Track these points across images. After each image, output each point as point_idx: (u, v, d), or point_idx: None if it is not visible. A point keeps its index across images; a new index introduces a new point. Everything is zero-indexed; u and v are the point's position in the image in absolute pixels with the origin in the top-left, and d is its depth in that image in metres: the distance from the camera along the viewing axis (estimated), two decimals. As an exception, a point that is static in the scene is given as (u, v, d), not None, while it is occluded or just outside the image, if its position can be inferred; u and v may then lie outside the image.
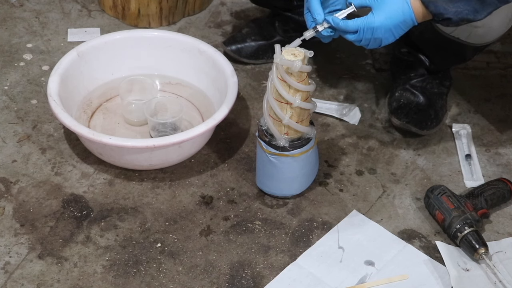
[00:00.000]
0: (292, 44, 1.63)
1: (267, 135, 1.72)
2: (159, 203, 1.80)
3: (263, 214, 1.78)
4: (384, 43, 1.58)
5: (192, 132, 1.76)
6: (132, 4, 2.24)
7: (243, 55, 2.15)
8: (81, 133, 1.75)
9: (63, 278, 1.63)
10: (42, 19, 2.29)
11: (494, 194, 1.79)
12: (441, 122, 1.99)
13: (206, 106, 1.99)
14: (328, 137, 1.98)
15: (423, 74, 2.00)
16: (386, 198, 1.84)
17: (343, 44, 2.25)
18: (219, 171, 1.88)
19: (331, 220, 1.78)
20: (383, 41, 1.58)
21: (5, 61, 2.14)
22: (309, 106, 1.67)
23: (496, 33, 1.80)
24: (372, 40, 1.57)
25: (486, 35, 1.79)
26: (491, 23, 1.75)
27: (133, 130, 1.94)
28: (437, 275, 1.67)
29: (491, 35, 1.80)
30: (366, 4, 1.57)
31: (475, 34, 1.79)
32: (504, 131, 2.02)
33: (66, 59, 1.92)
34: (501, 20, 1.75)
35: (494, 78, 2.18)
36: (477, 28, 1.76)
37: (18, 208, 1.76)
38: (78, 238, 1.71)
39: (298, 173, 1.77)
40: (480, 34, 1.79)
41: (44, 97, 2.02)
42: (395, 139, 1.98)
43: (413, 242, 1.74)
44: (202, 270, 1.66)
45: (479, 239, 1.68)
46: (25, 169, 1.85)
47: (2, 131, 1.94)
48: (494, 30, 1.78)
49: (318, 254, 1.70)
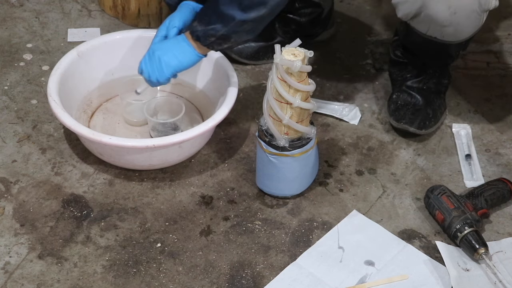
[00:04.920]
0: (292, 44, 1.63)
1: (267, 135, 1.72)
2: (159, 203, 1.80)
3: (263, 214, 1.78)
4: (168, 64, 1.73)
5: (192, 132, 1.76)
6: (132, 4, 2.24)
7: (243, 56, 2.15)
8: (81, 133, 1.75)
9: (63, 278, 1.63)
10: (42, 19, 2.29)
11: (494, 194, 1.79)
12: (439, 121, 1.99)
13: (206, 106, 1.99)
14: (328, 137, 1.98)
15: (419, 75, 2.00)
16: (386, 198, 1.84)
17: (343, 44, 2.25)
18: (219, 171, 1.88)
19: (331, 220, 1.78)
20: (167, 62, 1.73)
21: (5, 61, 2.14)
22: (309, 106, 1.67)
23: (469, 29, 1.81)
24: (158, 64, 1.74)
25: (458, 33, 1.81)
26: (458, 21, 1.76)
27: (133, 130, 1.94)
28: (437, 275, 1.67)
29: (464, 31, 1.81)
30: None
31: (447, 33, 1.80)
32: (504, 131, 2.02)
33: (66, 59, 1.92)
34: (468, 17, 1.76)
35: (494, 78, 2.18)
36: (445, 28, 1.78)
37: (18, 208, 1.76)
38: (78, 238, 1.71)
39: (298, 173, 1.77)
40: (451, 33, 1.80)
41: (44, 97, 2.02)
42: (395, 139, 1.98)
43: (413, 242, 1.74)
44: (202, 270, 1.66)
45: (479, 239, 1.68)
46: (25, 169, 1.85)
47: (2, 131, 1.94)
48: (465, 27, 1.79)
49: (318, 254, 1.70)
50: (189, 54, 1.74)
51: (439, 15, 1.76)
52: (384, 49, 2.23)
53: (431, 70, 1.99)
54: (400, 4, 1.82)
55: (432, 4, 1.75)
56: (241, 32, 1.69)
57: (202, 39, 1.70)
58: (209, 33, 1.69)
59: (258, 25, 1.70)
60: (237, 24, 1.66)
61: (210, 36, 1.69)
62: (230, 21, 1.66)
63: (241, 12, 1.64)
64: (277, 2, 1.66)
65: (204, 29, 1.68)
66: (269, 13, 1.67)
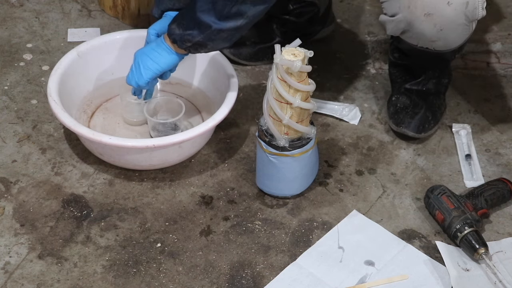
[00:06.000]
0: (292, 44, 1.63)
1: (267, 135, 1.72)
2: (159, 203, 1.80)
3: (263, 214, 1.78)
4: (145, 68, 1.75)
5: (192, 132, 1.76)
6: (132, 4, 2.24)
7: (242, 57, 2.15)
8: (81, 133, 1.75)
9: (63, 278, 1.63)
10: (42, 19, 2.29)
11: (494, 194, 1.79)
12: (439, 122, 1.99)
13: (206, 106, 1.99)
14: (328, 137, 1.98)
15: (418, 76, 2.00)
16: (386, 198, 1.84)
17: (343, 44, 2.25)
18: (219, 171, 1.88)
19: (331, 220, 1.78)
20: (143, 66, 1.75)
21: (5, 61, 2.14)
22: (309, 106, 1.67)
23: (458, 39, 1.79)
24: (136, 69, 1.76)
25: (448, 44, 1.80)
26: (446, 36, 1.76)
27: (133, 130, 1.94)
28: (437, 275, 1.67)
29: (454, 42, 1.79)
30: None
31: (437, 45, 1.80)
32: (504, 131, 2.02)
33: (66, 59, 1.92)
34: (456, 30, 1.75)
35: (494, 78, 2.18)
36: (435, 42, 1.78)
37: (18, 208, 1.76)
38: (78, 238, 1.71)
39: (298, 173, 1.77)
40: (442, 45, 1.80)
41: (44, 97, 2.02)
42: (395, 139, 1.98)
43: (413, 242, 1.74)
44: (202, 270, 1.66)
45: (479, 239, 1.68)
46: (25, 169, 1.85)
47: (2, 131, 1.94)
48: (454, 38, 1.78)
49: (318, 254, 1.70)
50: (167, 56, 1.74)
51: (426, 32, 1.75)
52: (384, 49, 2.23)
53: (430, 71, 1.99)
54: (387, 23, 1.82)
55: (417, 24, 1.74)
56: (217, 40, 1.69)
57: (179, 43, 1.71)
58: (186, 38, 1.68)
59: (236, 33, 1.69)
60: (213, 32, 1.66)
61: (186, 41, 1.69)
62: (207, 29, 1.66)
63: (218, 21, 1.64)
64: (255, 13, 1.65)
65: (181, 34, 1.68)
66: (246, 23, 1.66)
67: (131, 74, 1.78)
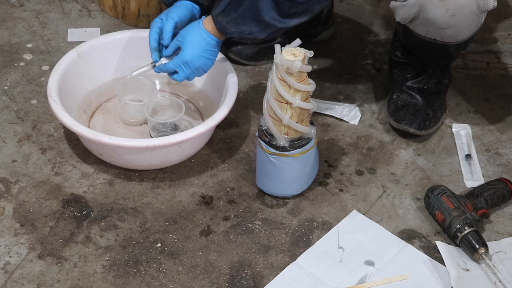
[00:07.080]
0: (292, 44, 1.63)
1: (267, 135, 1.72)
2: (159, 203, 1.80)
3: (263, 214, 1.78)
4: (206, 68, 1.79)
5: (192, 132, 1.76)
6: (132, 4, 2.24)
7: (243, 57, 2.15)
8: (81, 133, 1.75)
9: (63, 278, 1.63)
10: (42, 19, 2.29)
11: (494, 194, 1.79)
12: (440, 121, 1.99)
13: (206, 106, 1.99)
14: (328, 137, 1.98)
15: (419, 75, 2.00)
16: (386, 198, 1.84)
17: (343, 44, 2.25)
18: (219, 171, 1.88)
19: (331, 220, 1.78)
20: (204, 67, 1.78)
21: (5, 61, 2.14)
22: (309, 106, 1.67)
23: (468, 30, 1.80)
24: (194, 70, 1.78)
25: (457, 34, 1.80)
26: (457, 23, 1.76)
27: (133, 130, 1.94)
28: (437, 275, 1.67)
29: (463, 32, 1.81)
30: (177, 47, 1.78)
31: (446, 35, 1.80)
32: (504, 131, 2.02)
33: (66, 59, 1.92)
34: (467, 18, 1.76)
35: (494, 78, 2.18)
36: (444, 30, 1.78)
37: (18, 208, 1.76)
38: (78, 238, 1.71)
39: (298, 173, 1.77)
40: (450, 35, 1.80)
41: (44, 97, 2.02)
42: (395, 139, 1.98)
43: (413, 242, 1.74)
44: (202, 270, 1.66)
45: (479, 239, 1.68)
46: (25, 169, 1.85)
47: (2, 131, 1.94)
48: (464, 28, 1.79)
49: (318, 254, 1.70)
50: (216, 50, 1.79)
51: (437, 18, 1.75)
52: (384, 49, 2.23)
53: (431, 70, 1.99)
54: (398, 8, 1.81)
55: (430, 8, 1.75)
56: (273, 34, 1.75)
57: (238, 39, 1.76)
58: (247, 37, 1.74)
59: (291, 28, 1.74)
60: (277, 31, 1.73)
61: (247, 39, 1.76)
62: (271, 28, 1.71)
63: (283, 20, 1.69)
64: (319, 7, 1.71)
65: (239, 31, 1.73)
66: (309, 18, 1.72)
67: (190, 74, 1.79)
